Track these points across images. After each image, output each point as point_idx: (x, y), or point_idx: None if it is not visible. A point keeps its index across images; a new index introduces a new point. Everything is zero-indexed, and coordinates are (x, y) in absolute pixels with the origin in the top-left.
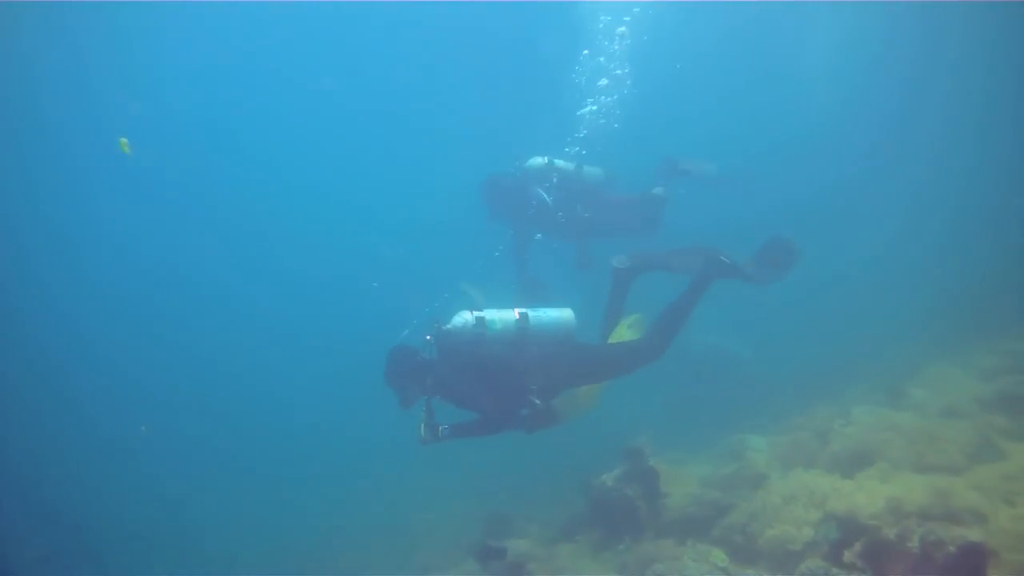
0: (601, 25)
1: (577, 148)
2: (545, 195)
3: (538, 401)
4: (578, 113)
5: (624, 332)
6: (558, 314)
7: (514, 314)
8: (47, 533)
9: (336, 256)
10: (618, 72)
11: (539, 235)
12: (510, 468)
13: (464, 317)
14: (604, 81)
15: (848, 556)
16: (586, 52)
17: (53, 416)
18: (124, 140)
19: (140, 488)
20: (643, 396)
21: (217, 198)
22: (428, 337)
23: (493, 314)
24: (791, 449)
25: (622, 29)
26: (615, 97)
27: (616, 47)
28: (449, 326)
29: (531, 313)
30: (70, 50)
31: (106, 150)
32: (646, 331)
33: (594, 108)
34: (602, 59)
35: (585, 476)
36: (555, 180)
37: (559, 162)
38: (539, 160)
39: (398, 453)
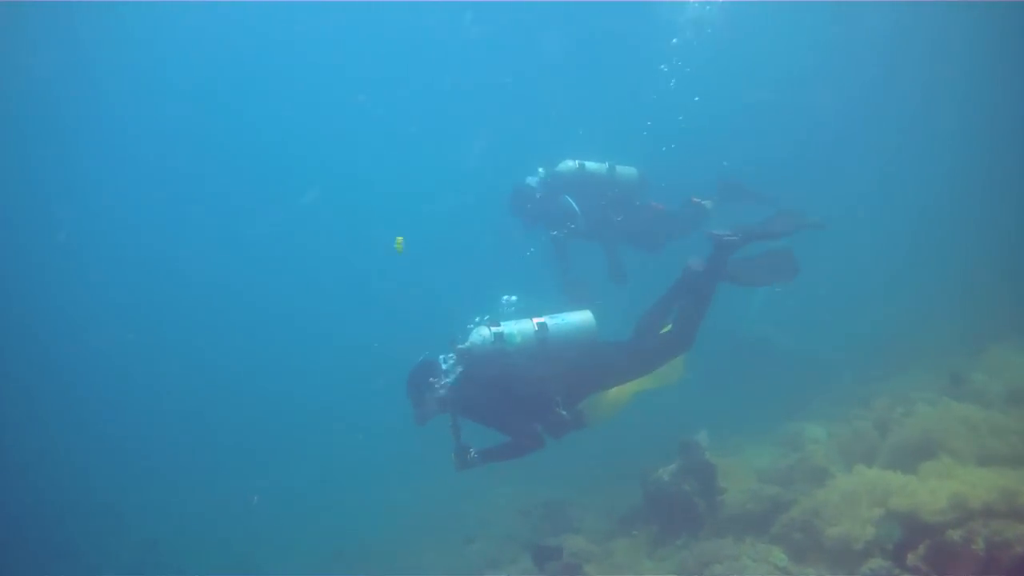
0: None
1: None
2: (573, 203)
3: (564, 412)
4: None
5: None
6: (578, 318)
7: (532, 324)
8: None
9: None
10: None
11: (556, 232)
12: (565, 456)
13: (482, 333)
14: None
15: (912, 559)
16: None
17: (78, 423)
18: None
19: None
20: (696, 383)
21: (226, 200)
22: (446, 357)
23: (511, 327)
24: (851, 440)
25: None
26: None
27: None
28: (467, 344)
29: (550, 321)
30: (73, 50)
31: (111, 149)
32: (671, 325)
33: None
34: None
35: (642, 467)
36: (613, 194)
37: (590, 164)
38: (570, 164)
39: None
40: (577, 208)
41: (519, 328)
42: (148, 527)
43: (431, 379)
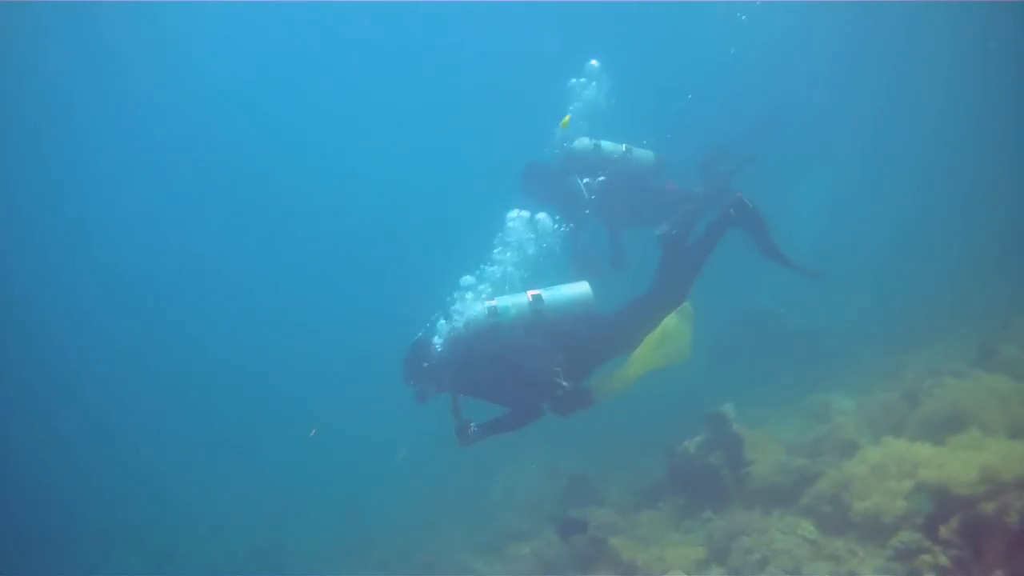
0: None
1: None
2: (582, 185)
3: (565, 384)
4: None
5: (671, 321)
6: (574, 290)
7: (527, 297)
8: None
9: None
10: None
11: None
12: (589, 430)
13: (476, 308)
14: None
15: (944, 532)
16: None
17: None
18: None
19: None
20: (716, 357)
21: (230, 197)
22: (441, 334)
23: (506, 301)
24: (880, 412)
25: None
26: None
27: None
28: (462, 320)
29: (545, 294)
30: (89, 46)
31: (123, 147)
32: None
33: None
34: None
35: (667, 440)
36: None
37: (606, 144)
38: (585, 142)
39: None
40: (586, 190)
41: (513, 301)
42: (165, 527)
43: (426, 358)
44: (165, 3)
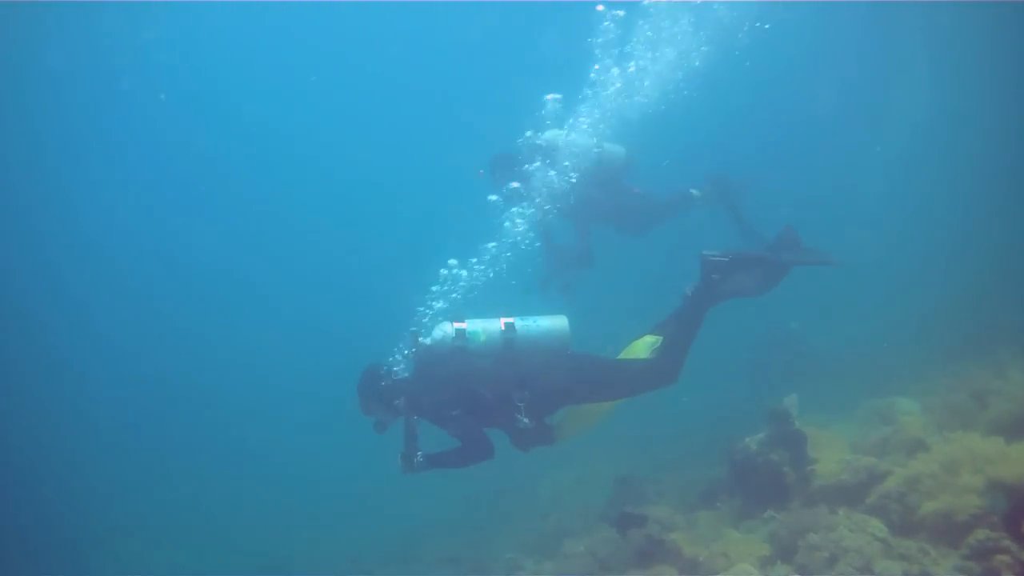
0: None
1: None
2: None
3: (526, 420)
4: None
5: (639, 349)
6: (550, 323)
7: (499, 324)
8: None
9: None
10: None
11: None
12: (641, 432)
13: (443, 329)
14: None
15: None
16: None
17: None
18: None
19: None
20: (760, 370)
21: (223, 198)
22: (406, 352)
23: (476, 325)
24: (947, 413)
25: None
26: None
27: None
28: (428, 340)
29: (519, 322)
30: (86, 47)
31: (111, 148)
32: (657, 351)
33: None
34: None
35: (728, 440)
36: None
37: (578, 138)
38: (557, 132)
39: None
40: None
41: (484, 327)
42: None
43: (381, 383)
44: (167, 4)
